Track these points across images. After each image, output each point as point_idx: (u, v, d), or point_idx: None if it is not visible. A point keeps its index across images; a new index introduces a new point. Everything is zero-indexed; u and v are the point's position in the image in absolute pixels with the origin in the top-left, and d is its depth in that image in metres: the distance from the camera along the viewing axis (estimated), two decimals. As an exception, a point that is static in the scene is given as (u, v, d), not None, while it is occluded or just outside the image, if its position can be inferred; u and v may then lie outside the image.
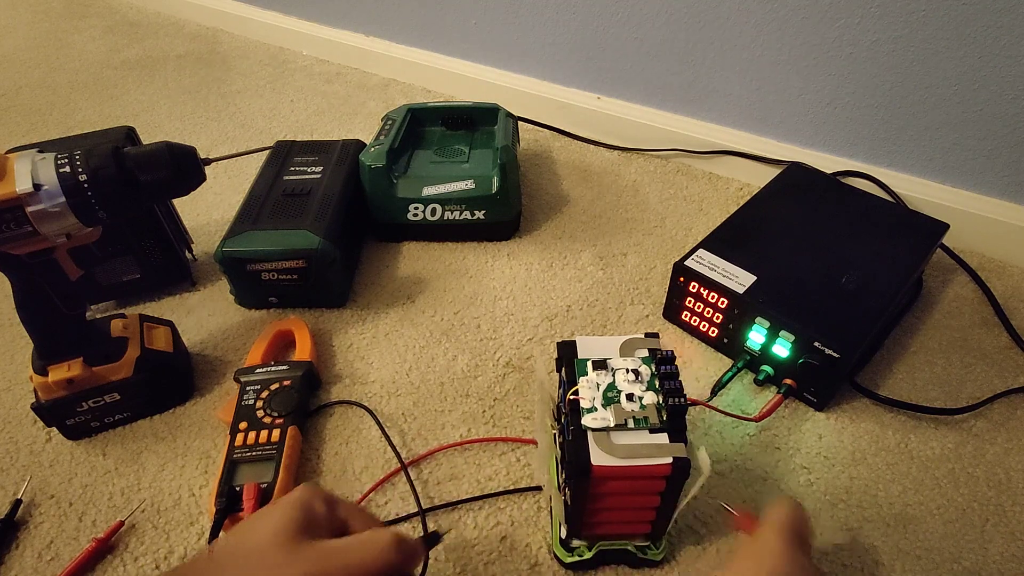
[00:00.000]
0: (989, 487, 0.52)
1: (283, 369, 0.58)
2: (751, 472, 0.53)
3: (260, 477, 0.50)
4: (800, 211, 0.68)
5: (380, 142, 0.77)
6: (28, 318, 0.50)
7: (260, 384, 0.57)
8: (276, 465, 0.51)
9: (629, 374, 0.41)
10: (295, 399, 0.55)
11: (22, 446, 0.56)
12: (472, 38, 1.05)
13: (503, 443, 0.55)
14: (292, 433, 0.53)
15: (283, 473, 0.50)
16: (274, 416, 0.54)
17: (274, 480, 0.49)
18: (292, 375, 0.57)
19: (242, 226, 0.66)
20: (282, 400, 0.55)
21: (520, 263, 0.75)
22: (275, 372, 0.58)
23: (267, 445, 0.52)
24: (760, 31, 0.78)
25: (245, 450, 0.51)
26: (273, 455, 0.51)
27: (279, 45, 1.32)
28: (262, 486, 0.49)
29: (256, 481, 0.49)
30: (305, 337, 0.63)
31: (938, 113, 0.72)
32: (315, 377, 0.60)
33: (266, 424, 0.53)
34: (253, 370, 0.58)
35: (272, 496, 0.49)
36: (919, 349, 0.64)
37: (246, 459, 0.51)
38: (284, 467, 0.50)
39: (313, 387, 0.60)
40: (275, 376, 0.57)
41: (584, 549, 0.46)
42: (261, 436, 0.52)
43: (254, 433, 0.53)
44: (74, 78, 1.20)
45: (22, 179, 0.43)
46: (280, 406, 0.55)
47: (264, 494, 0.49)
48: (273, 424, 0.53)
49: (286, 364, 0.59)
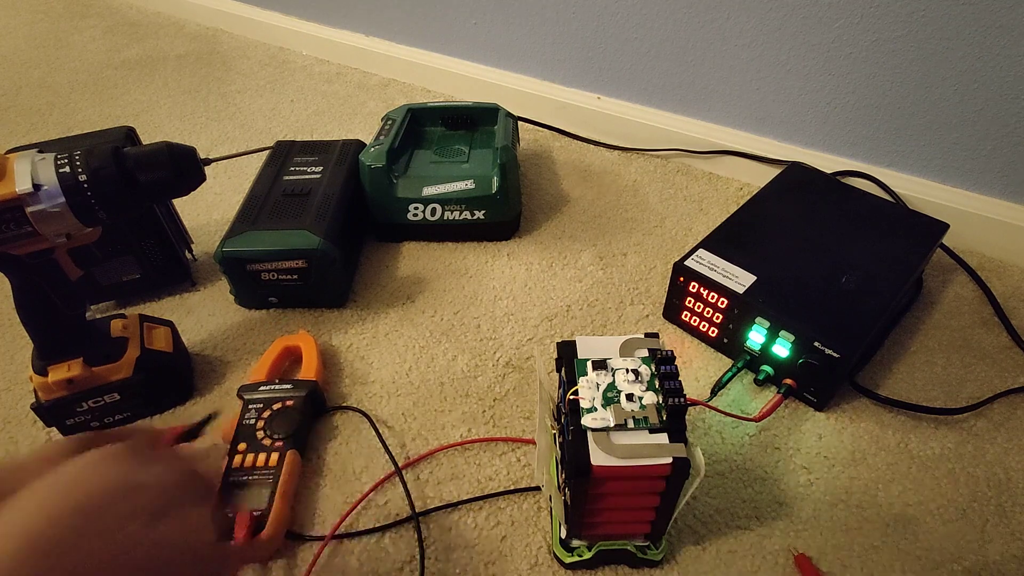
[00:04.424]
0: (989, 487, 0.52)
1: (287, 388, 0.56)
2: (751, 472, 0.53)
3: (254, 503, 0.47)
4: (800, 211, 0.68)
5: (380, 142, 0.77)
6: (28, 318, 0.50)
7: (263, 403, 0.54)
8: (272, 491, 0.48)
9: (629, 374, 0.41)
10: (297, 421, 0.53)
11: (22, 446, 0.56)
12: (472, 38, 1.05)
13: (503, 443, 0.55)
14: (291, 458, 0.51)
15: (279, 501, 0.48)
16: (274, 439, 0.52)
17: (268, 507, 0.47)
18: (296, 395, 0.55)
19: (242, 226, 0.66)
20: (283, 422, 0.53)
21: (520, 263, 0.75)
22: (279, 391, 0.55)
23: (264, 469, 0.50)
24: (760, 31, 0.78)
25: (241, 473, 0.50)
26: (269, 481, 0.49)
27: (279, 45, 1.32)
28: (255, 513, 0.47)
29: (249, 508, 0.47)
30: (312, 353, 0.61)
31: (938, 113, 0.72)
32: (320, 398, 0.57)
33: (265, 447, 0.51)
34: (257, 387, 0.56)
35: (265, 525, 0.46)
36: (919, 349, 0.64)
37: (241, 483, 0.49)
38: (280, 494, 0.48)
39: (317, 408, 0.57)
40: (278, 395, 0.55)
41: (584, 549, 0.46)
42: (259, 459, 0.50)
43: (252, 455, 0.51)
44: (74, 78, 1.20)
45: (22, 179, 0.43)
46: (281, 428, 0.52)
47: (257, 522, 0.46)
48: (272, 447, 0.51)
49: (291, 383, 0.56)
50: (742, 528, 0.49)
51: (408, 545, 0.48)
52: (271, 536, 0.46)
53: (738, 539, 0.48)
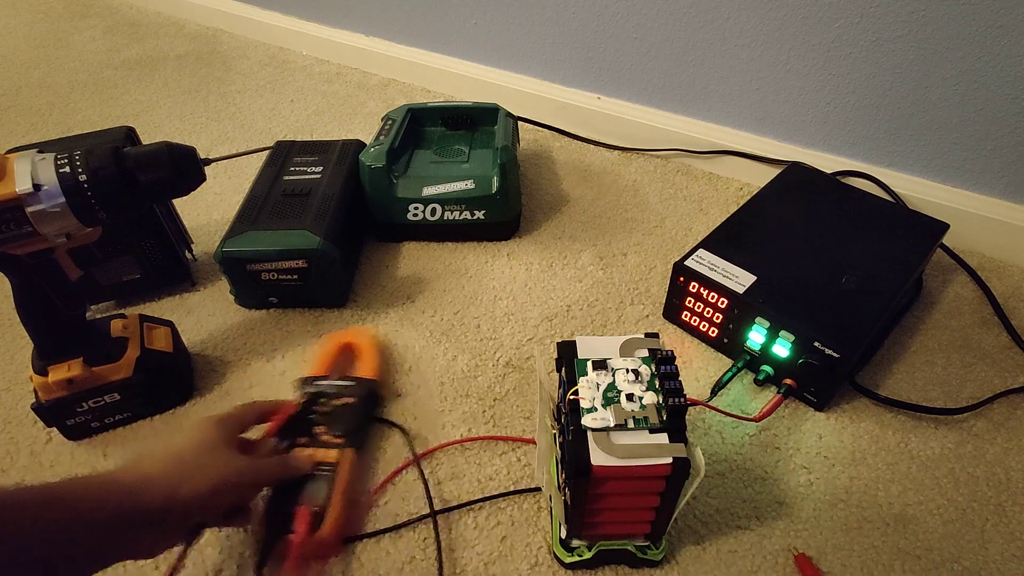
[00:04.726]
0: (989, 487, 0.52)
1: (348, 385, 0.55)
2: (751, 472, 0.53)
3: (312, 500, 0.46)
4: (800, 211, 0.68)
5: (380, 142, 0.77)
6: (28, 318, 0.50)
7: (324, 398, 0.54)
8: (329, 489, 0.47)
9: (629, 374, 0.41)
10: (357, 420, 0.52)
11: (22, 446, 0.56)
12: (472, 38, 1.05)
13: (503, 443, 0.55)
14: (349, 456, 0.50)
15: (336, 499, 0.47)
16: (335, 435, 0.51)
17: (327, 504, 0.46)
18: (357, 393, 0.54)
19: (242, 226, 0.66)
20: (344, 419, 0.52)
21: (520, 263, 0.75)
22: (339, 387, 0.55)
23: (325, 465, 0.49)
24: (760, 31, 0.78)
25: None
26: (328, 477, 0.48)
27: (279, 45, 1.32)
28: (314, 510, 0.45)
29: (310, 503, 0.46)
30: (371, 351, 0.60)
31: (938, 113, 0.72)
32: (379, 398, 0.57)
33: (325, 443, 0.50)
34: (317, 381, 0.55)
35: (323, 522, 0.45)
36: (919, 349, 0.64)
37: (303, 478, 0.48)
38: (338, 492, 0.47)
39: (376, 408, 0.57)
40: (339, 391, 0.54)
41: (584, 549, 0.46)
42: (317, 455, 0.49)
43: (311, 451, 0.49)
44: (74, 78, 1.20)
45: (22, 179, 0.43)
46: (341, 426, 0.51)
47: (316, 519, 0.45)
48: (332, 443, 0.50)
49: (352, 380, 0.55)
50: (742, 528, 0.49)
51: (407, 545, 0.48)
52: (327, 535, 0.45)
53: (738, 539, 0.48)
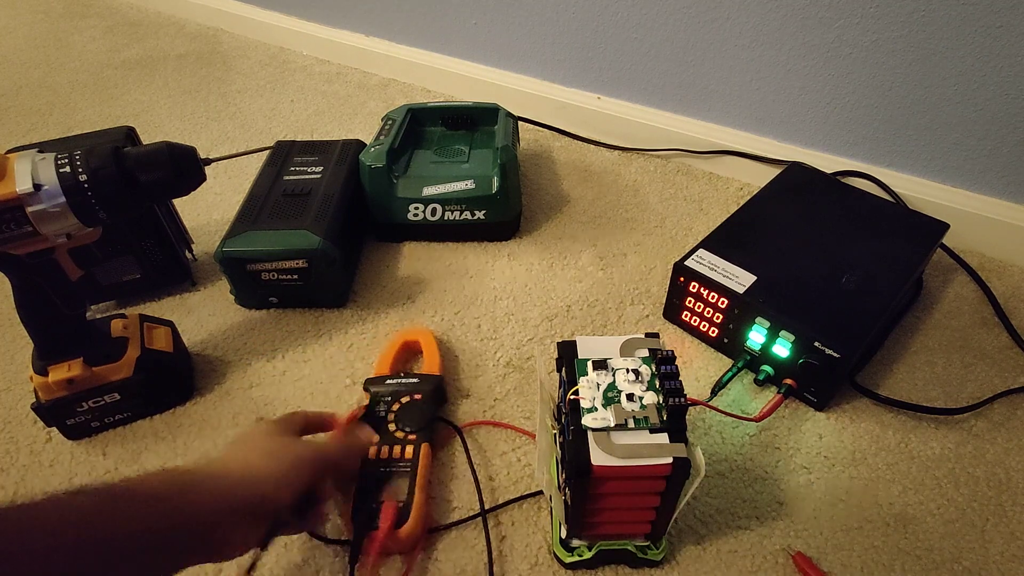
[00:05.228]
0: (989, 487, 0.52)
1: (414, 382, 0.56)
2: (751, 472, 0.53)
3: (396, 494, 0.48)
4: (800, 211, 0.68)
5: (380, 142, 0.77)
6: (28, 318, 0.50)
7: (391, 396, 0.55)
8: (411, 483, 0.49)
9: (629, 374, 0.41)
10: (427, 414, 0.54)
11: (22, 446, 0.56)
12: (472, 38, 1.05)
13: (504, 442, 0.56)
14: (425, 451, 0.51)
15: (418, 493, 0.48)
16: (407, 431, 0.52)
17: (410, 499, 0.48)
18: (423, 389, 0.55)
19: (242, 226, 0.66)
20: (414, 415, 0.53)
21: (520, 263, 0.75)
22: (405, 385, 0.56)
23: (401, 461, 0.50)
24: (760, 31, 0.78)
25: (380, 464, 0.50)
26: (408, 472, 0.49)
27: (279, 45, 1.32)
28: (399, 504, 0.47)
29: (394, 499, 0.47)
30: (433, 349, 0.61)
31: (938, 113, 0.72)
32: (444, 393, 0.58)
33: (399, 439, 0.52)
34: (383, 380, 0.56)
35: (408, 515, 0.47)
36: (919, 349, 0.64)
37: (382, 475, 0.49)
38: (419, 486, 0.49)
39: (443, 403, 0.58)
40: (405, 389, 0.55)
41: (584, 549, 0.46)
42: (395, 451, 0.51)
43: (387, 448, 0.51)
44: (74, 78, 1.20)
45: (22, 179, 0.43)
46: (412, 421, 0.53)
47: (401, 513, 0.47)
48: (406, 440, 0.52)
49: (416, 377, 0.57)
50: (742, 528, 0.49)
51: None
52: (414, 528, 0.47)
53: (738, 539, 0.48)
